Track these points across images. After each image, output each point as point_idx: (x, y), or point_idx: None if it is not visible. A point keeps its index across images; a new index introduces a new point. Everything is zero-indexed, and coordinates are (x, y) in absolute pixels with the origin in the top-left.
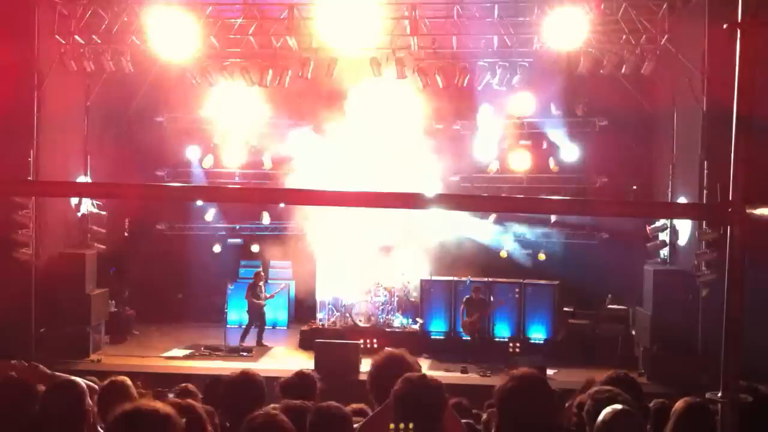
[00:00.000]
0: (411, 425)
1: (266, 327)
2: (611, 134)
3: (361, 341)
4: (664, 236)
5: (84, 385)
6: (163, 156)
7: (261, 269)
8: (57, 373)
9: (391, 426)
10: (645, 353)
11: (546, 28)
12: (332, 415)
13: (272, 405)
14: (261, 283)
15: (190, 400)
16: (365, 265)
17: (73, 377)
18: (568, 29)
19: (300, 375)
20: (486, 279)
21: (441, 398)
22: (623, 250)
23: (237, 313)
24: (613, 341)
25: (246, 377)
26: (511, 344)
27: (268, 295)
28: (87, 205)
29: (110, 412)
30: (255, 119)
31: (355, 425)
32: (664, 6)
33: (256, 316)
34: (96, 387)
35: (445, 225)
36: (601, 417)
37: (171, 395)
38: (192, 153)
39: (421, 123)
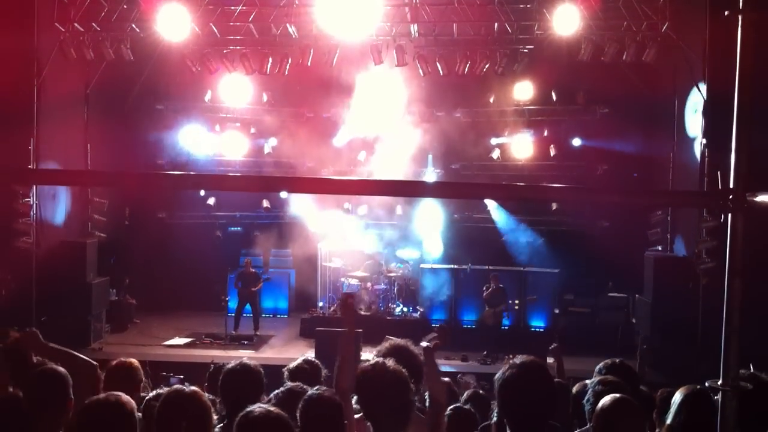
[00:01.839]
0: None
1: (267, 315)
2: (612, 122)
3: (362, 330)
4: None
5: (67, 375)
6: (163, 144)
7: (250, 258)
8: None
9: None
10: (643, 341)
11: (547, 15)
12: (323, 402)
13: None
14: (251, 271)
15: (195, 388)
16: (366, 253)
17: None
18: (569, 16)
19: (307, 362)
20: (486, 267)
21: (403, 388)
22: (624, 238)
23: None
24: (613, 329)
25: (244, 368)
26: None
27: (260, 283)
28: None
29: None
30: (255, 107)
31: (356, 415)
32: None
33: (246, 303)
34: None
35: (444, 212)
36: (600, 405)
37: (174, 380)
38: (192, 141)
39: (421, 110)
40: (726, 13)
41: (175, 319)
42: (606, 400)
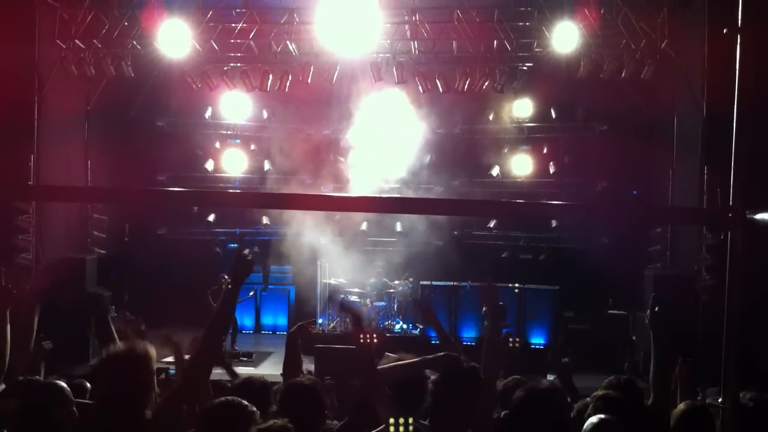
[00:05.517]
0: (411, 420)
1: (266, 332)
2: (611, 139)
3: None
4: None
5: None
6: (163, 160)
7: (225, 275)
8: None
9: (391, 420)
10: (645, 358)
11: (546, 33)
12: (252, 385)
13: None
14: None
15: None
16: (365, 270)
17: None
18: (568, 34)
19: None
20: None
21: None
22: (623, 255)
23: (238, 318)
24: (613, 346)
25: (249, 383)
26: (510, 340)
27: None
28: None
29: None
30: (255, 123)
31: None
32: (664, 10)
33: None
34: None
35: (443, 228)
36: (585, 427)
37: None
38: (193, 158)
39: (422, 127)
40: (725, 30)
41: (175, 336)
42: (590, 421)
